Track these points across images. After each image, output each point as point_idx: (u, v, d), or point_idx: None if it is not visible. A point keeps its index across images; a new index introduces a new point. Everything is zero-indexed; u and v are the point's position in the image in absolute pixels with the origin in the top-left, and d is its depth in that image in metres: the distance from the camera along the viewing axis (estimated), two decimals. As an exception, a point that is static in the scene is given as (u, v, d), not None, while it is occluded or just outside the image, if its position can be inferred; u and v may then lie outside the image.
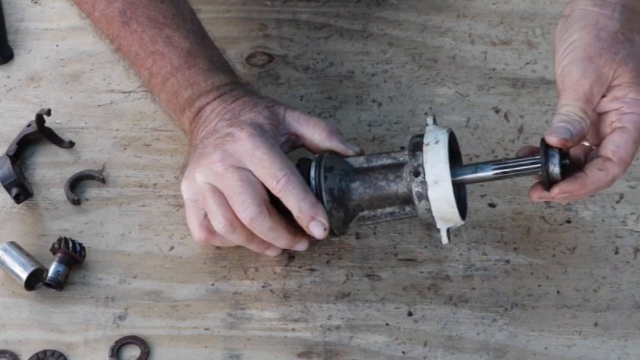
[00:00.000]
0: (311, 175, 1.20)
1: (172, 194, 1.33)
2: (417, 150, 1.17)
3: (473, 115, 1.41)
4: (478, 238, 1.29)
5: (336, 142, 1.24)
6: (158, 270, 1.27)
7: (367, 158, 1.22)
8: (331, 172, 1.20)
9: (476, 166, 1.19)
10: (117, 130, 1.40)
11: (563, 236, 1.29)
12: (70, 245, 1.25)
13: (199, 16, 1.33)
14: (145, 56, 1.28)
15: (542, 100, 1.42)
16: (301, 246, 1.23)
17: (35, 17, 1.52)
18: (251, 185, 1.18)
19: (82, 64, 1.46)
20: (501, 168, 1.17)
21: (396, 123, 1.40)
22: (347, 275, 1.27)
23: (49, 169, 1.36)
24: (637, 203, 1.32)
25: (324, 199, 1.19)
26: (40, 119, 1.37)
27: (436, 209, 1.16)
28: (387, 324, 1.23)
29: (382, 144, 1.38)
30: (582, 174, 1.16)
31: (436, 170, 1.15)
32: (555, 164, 1.15)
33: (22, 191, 1.30)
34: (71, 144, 1.38)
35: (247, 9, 1.53)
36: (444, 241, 1.18)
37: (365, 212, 1.21)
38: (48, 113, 1.37)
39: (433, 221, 1.17)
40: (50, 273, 1.24)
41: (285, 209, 1.19)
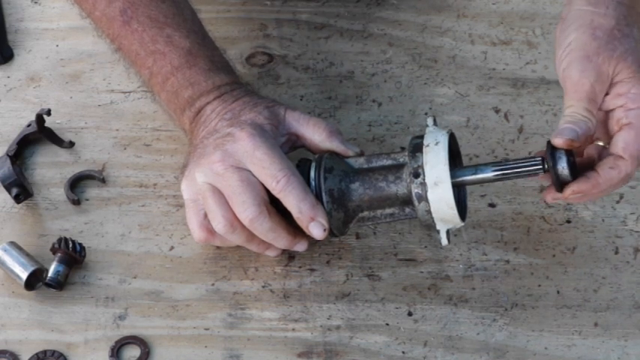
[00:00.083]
0: (311, 176, 1.20)
1: (172, 194, 1.33)
2: (417, 151, 1.17)
3: (473, 115, 1.41)
4: (478, 238, 1.29)
5: (336, 143, 1.24)
6: (158, 270, 1.27)
7: (367, 159, 1.22)
8: (331, 173, 1.20)
9: (476, 168, 1.19)
10: (117, 130, 1.40)
11: (563, 236, 1.29)
12: (70, 245, 1.25)
13: (199, 16, 1.33)
14: (146, 56, 1.28)
15: (542, 100, 1.42)
16: (301, 246, 1.23)
17: (35, 17, 1.52)
18: (251, 185, 1.18)
19: (82, 64, 1.46)
20: (501, 169, 1.17)
21: (396, 123, 1.40)
22: (347, 275, 1.27)
23: (49, 169, 1.36)
24: (637, 203, 1.32)
25: (324, 200, 1.19)
26: (40, 119, 1.37)
27: (436, 211, 1.16)
28: (387, 324, 1.23)
29: (382, 144, 1.38)
30: (594, 173, 1.15)
31: (436, 172, 1.15)
32: (564, 166, 1.14)
33: (22, 191, 1.30)
34: (71, 144, 1.38)
35: (247, 9, 1.53)
36: (444, 243, 1.18)
37: (365, 213, 1.21)
38: (48, 113, 1.37)
39: (433, 223, 1.17)
40: (50, 273, 1.24)
41: (284, 210, 1.19)
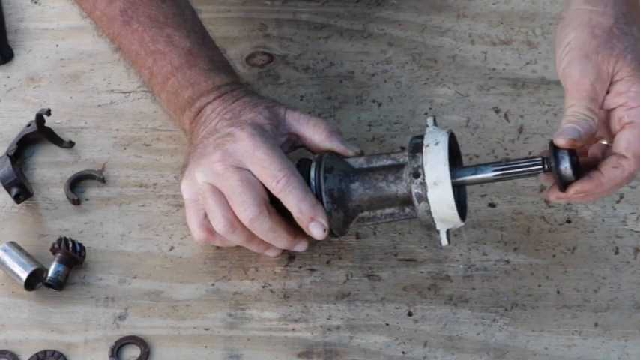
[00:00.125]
0: (311, 176, 1.20)
1: (172, 194, 1.33)
2: (417, 151, 1.17)
3: (473, 115, 1.41)
4: (478, 238, 1.29)
5: (336, 143, 1.24)
6: (158, 270, 1.27)
7: (367, 159, 1.22)
8: (331, 173, 1.20)
9: (476, 168, 1.19)
10: (117, 130, 1.40)
11: (563, 236, 1.29)
12: (70, 245, 1.25)
13: (199, 16, 1.33)
14: (146, 55, 1.28)
15: (542, 100, 1.42)
16: (301, 246, 1.23)
17: (35, 17, 1.52)
18: (251, 185, 1.18)
19: (82, 64, 1.46)
20: (501, 170, 1.17)
21: (396, 123, 1.40)
22: (347, 275, 1.27)
23: (49, 169, 1.36)
24: (637, 203, 1.32)
25: (324, 200, 1.19)
26: (40, 119, 1.37)
27: (436, 211, 1.16)
28: (387, 324, 1.23)
29: (382, 144, 1.38)
30: (597, 173, 1.15)
31: (436, 172, 1.15)
32: (567, 166, 1.14)
33: (22, 191, 1.30)
34: (71, 144, 1.38)
35: (247, 9, 1.53)
36: (444, 243, 1.18)
37: (365, 213, 1.21)
38: (48, 113, 1.37)
39: (433, 223, 1.17)
40: (50, 273, 1.24)
41: (284, 210, 1.19)
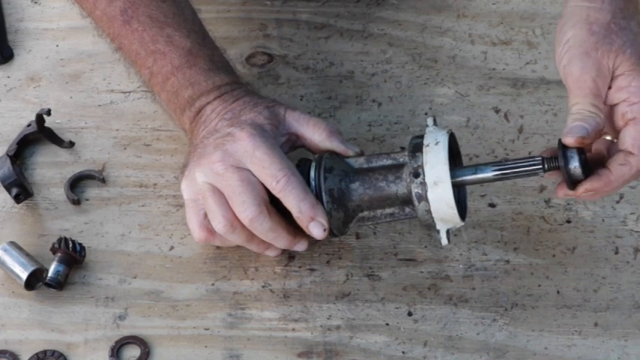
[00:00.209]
0: (311, 176, 1.20)
1: (172, 194, 1.33)
2: (417, 151, 1.17)
3: (473, 115, 1.41)
4: (478, 238, 1.29)
5: (336, 143, 1.24)
6: (158, 270, 1.27)
7: (367, 159, 1.22)
8: (331, 173, 1.20)
9: (476, 168, 1.19)
10: (117, 130, 1.39)
11: (563, 236, 1.29)
12: (70, 245, 1.25)
13: (199, 16, 1.33)
14: (146, 55, 1.28)
15: (542, 100, 1.42)
16: (301, 246, 1.23)
17: (35, 17, 1.52)
18: (251, 185, 1.18)
19: (82, 64, 1.46)
20: (501, 169, 1.17)
21: (396, 123, 1.40)
22: (347, 275, 1.27)
23: (49, 169, 1.36)
24: (637, 203, 1.32)
25: (324, 200, 1.19)
26: (40, 119, 1.37)
27: (436, 210, 1.16)
28: (387, 324, 1.23)
29: (382, 144, 1.38)
30: (606, 171, 1.15)
31: (436, 172, 1.15)
32: (576, 165, 1.14)
33: (22, 191, 1.30)
34: (71, 144, 1.38)
35: (247, 9, 1.53)
36: (444, 243, 1.18)
37: (365, 213, 1.21)
38: (48, 113, 1.37)
39: (433, 222, 1.17)
40: (50, 273, 1.24)
41: (284, 209, 1.19)
